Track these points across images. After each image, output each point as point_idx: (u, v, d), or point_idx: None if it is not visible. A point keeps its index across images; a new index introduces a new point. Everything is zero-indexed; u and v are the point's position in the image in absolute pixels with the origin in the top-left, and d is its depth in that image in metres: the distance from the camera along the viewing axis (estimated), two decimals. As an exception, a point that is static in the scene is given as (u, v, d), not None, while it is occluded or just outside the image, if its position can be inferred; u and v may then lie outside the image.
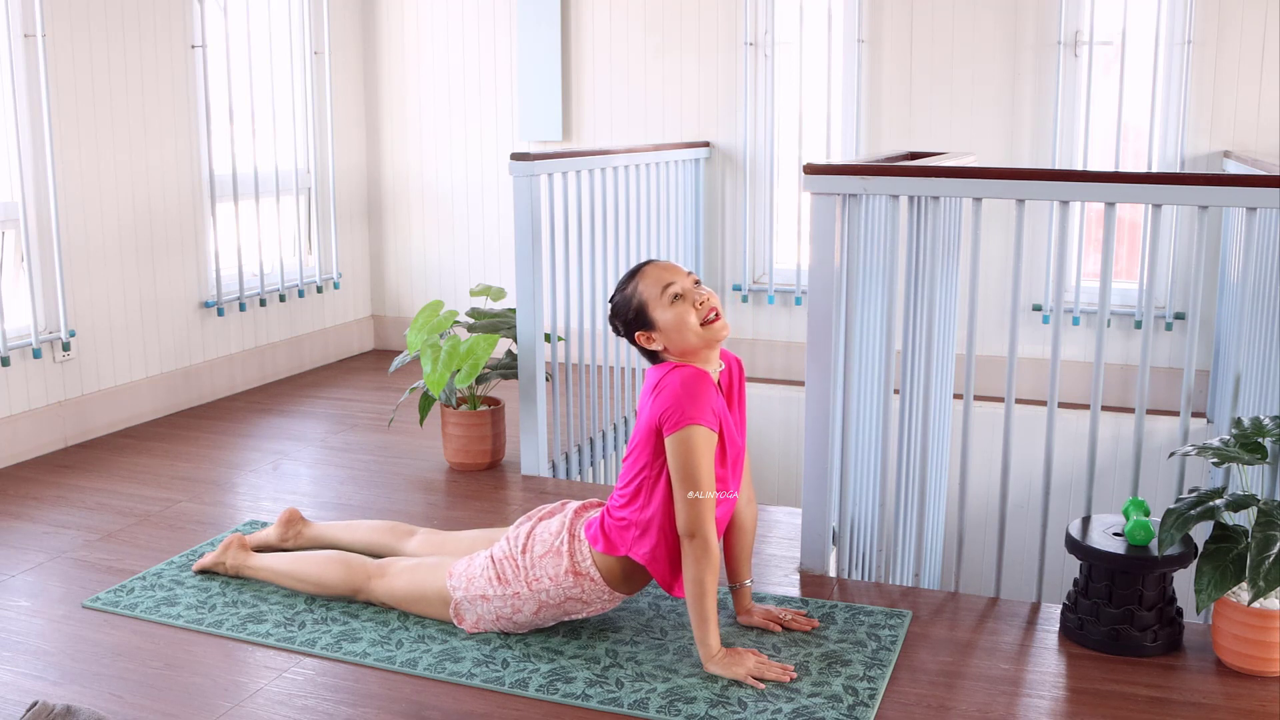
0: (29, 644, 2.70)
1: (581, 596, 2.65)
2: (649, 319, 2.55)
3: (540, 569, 2.65)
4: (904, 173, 2.99)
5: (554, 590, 2.64)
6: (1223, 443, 2.52)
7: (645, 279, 2.57)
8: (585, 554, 2.64)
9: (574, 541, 2.67)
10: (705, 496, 2.46)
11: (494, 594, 2.67)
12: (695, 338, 2.52)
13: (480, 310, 4.22)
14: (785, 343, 5.34)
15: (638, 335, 2.58)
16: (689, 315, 2.51)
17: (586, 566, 2.63)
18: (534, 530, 2.73)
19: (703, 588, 2.47)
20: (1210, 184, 2.69)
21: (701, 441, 2.46)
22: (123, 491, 3.80)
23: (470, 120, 5.73)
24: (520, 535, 2.74)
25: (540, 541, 2.69)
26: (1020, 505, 4.30)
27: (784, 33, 5.18)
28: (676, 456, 2.47)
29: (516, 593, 2.66)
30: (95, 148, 4.37)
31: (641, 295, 2.56)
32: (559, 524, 2.72)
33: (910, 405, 3.21)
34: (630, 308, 2.58)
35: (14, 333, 4.13)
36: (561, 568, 2.64)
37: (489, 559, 2.71)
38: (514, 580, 2.66)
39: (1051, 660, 2.60)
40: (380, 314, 6.10)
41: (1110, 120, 4.81)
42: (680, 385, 2.48)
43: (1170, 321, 4.79)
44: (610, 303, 2.66)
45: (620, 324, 2.62)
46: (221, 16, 4.98)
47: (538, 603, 2.65)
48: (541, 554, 2.66)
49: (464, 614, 2.72)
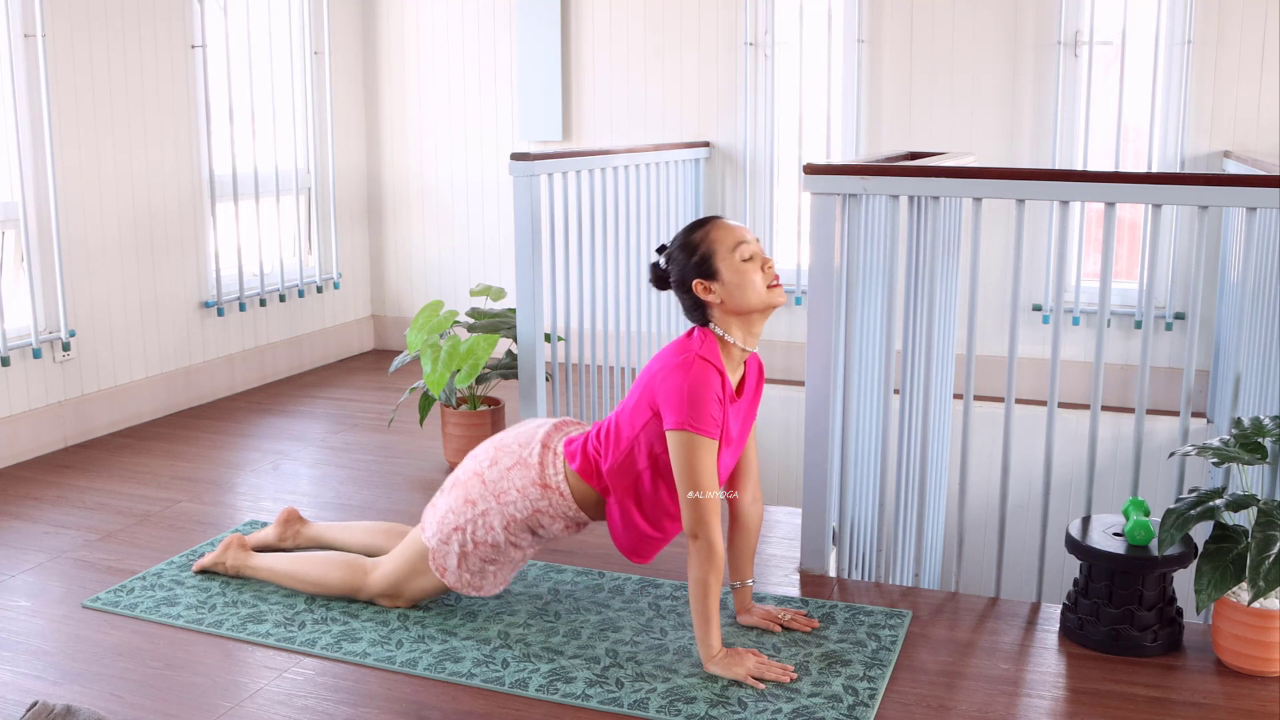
0: (29, 644, 2.70)
1: (548, 510, 2.65)
2: (714, 268, 2.47)
3: (507, 481, 2.65)
4: (904, 173, 2.99)
5: (521, 502, 2.64)
6: (1223, 443, 2.52)
7: (718, 229, 2.50)
8: (558, 468, 2.64)
9: (546, 453, 2.66)
10: (707, 497, 2.45)
11: (465, 520, 2.67)
12: (757, 298, 2.48)
13: (480, 310, 4.22)
14: (785, 343, 5.34)
15: (696, 283, 2.49)
16: (756, 275, 2.48)
17: (557, 481, 2.64)
18: (500, 443, 2.73)
19: (706, 588, 2.47)
20: (1210, 184, 2.69)
21: (701, 446, 2.45)
22: (123, 491, 3.80)
23: (470, 120, 5.73)
24: (484, 451, 2.73)
25: (508, 453, 2.69)
26: (1020, 505, 4.29)
27: (784, 33, 5.18)
28: (678, 458, 2.46)
29: (484, 510, 2.66)
30: (95, 148, 4.37)
31: (712, 244, 2.49)
32: (528, 435, 2.71)
33: (910, 405, 3.21)
34: (697, 253, 2.49)
35: (14, 333, 4.13)
36: (529, 479, 2.64)
37: (454, 487, 2.72)
38: (481, 498, 2.67)
39: (1051, 660, 2.60)
40: (380, 314, 6.10)
41: (1110, 120, 4.81)
42: (690, 386, 2.45)
43: (1170, 321, 4.79)
44: (662, 251, 2.57)
45: (676, 270, 2.52)
46: (221, 16, 4.98)
47: (505, 517, 2.65)
48: (509, 466, 2.66)
49: (444, 562, 2.72)
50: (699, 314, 2.55)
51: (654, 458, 2.55)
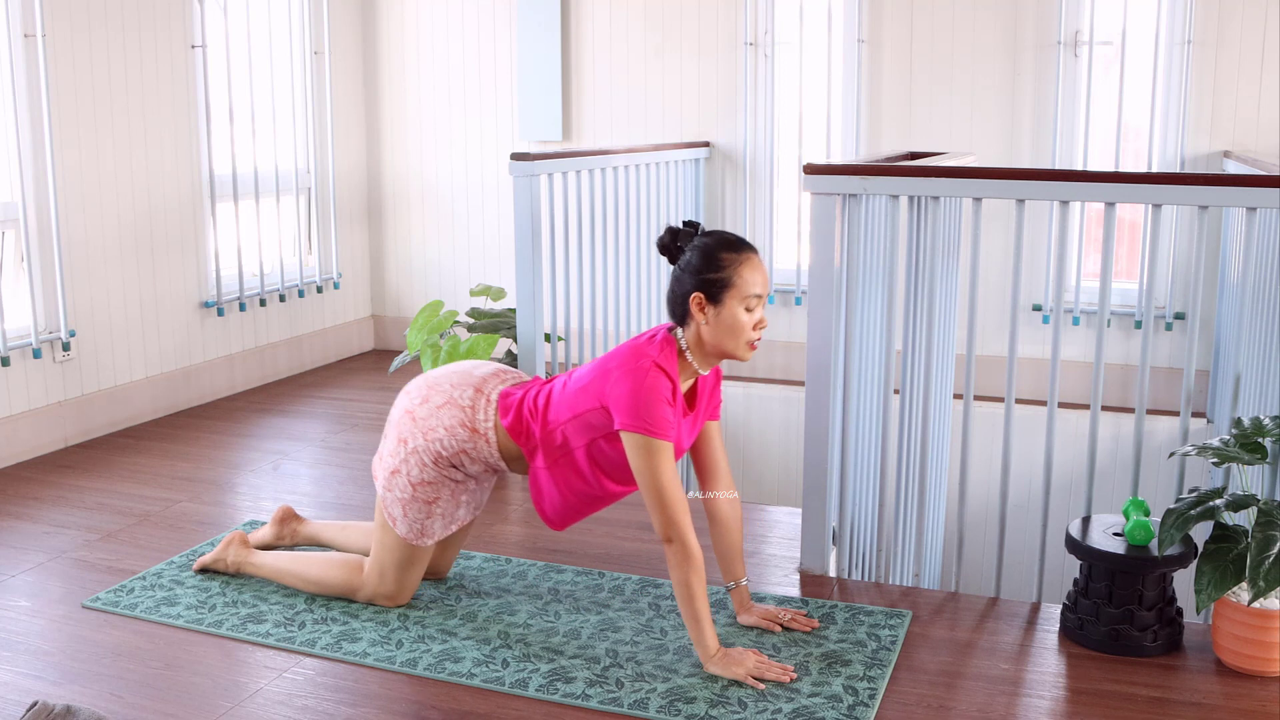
0: (29, 644, 2.70)
1: (472, 452, 2.67)
2: (721, 298, 2.47)
3: (436, 419, 2.67)
4: (904, 173, 2.99)
5: (448, 440, 2.66)
6: (1223, 443, 2.52)
7: (750, 268, 2.48)
8: (489, 415, 2.66)
9: (479, 397, 2.68)
10: (671, 498, 2.46)
11: (399, 461, 2.70)
12: (733, 349, 2.51)
13: (480, 310, 4.22)
14: (785, 343, 5.34)
15: (696, 297, 2.48)
16: (745, 329, 2.49)
17: (486, 428, 2.65)
18: (433, 381, 2.74)
19: (690, 590, 2.48)
20: (1210, 184, 2.69)
21: (660, 449, 2.46)
22: (123, 491, 3.80)
23: (470, 120, 5.73)
24: (417, 388, 2.75)
25: (439, 391, 2.70)
26: (1020, 505, 4.29)
27: (784, 33, 5.18)
28: (637, 462, 2.48)
29: (415, 447, 2.68)
30: (95, 148, 4.37)
31: (736, 276, 2.47)
32: (462, 376, 2.73)
33: (910, 405, 3.21)
34: (717, 273, 2.46)
35: (14, 333, 4.13)
36: (458, 419, 2.65)
37: (390, 429, 2.75)
38: (411, 436, 2.69)
39: (1051, 660, 2.60)
40: (380, 314, 6.10)
41: (1110, 120, 4.81)
42: (642, 391, 2.45)
43: (1170, 321, 4.79)
44: (694, 227, 2.53)
45: (689, 268, 2.50)
46: (221, 16, 4.98)
47: (433, 453, 2.66)
48: (440, 404, 2.68)
49: (392, 510, 2.74)
50: (678, 313, 2.55)
51: (591, 441, 2.57)
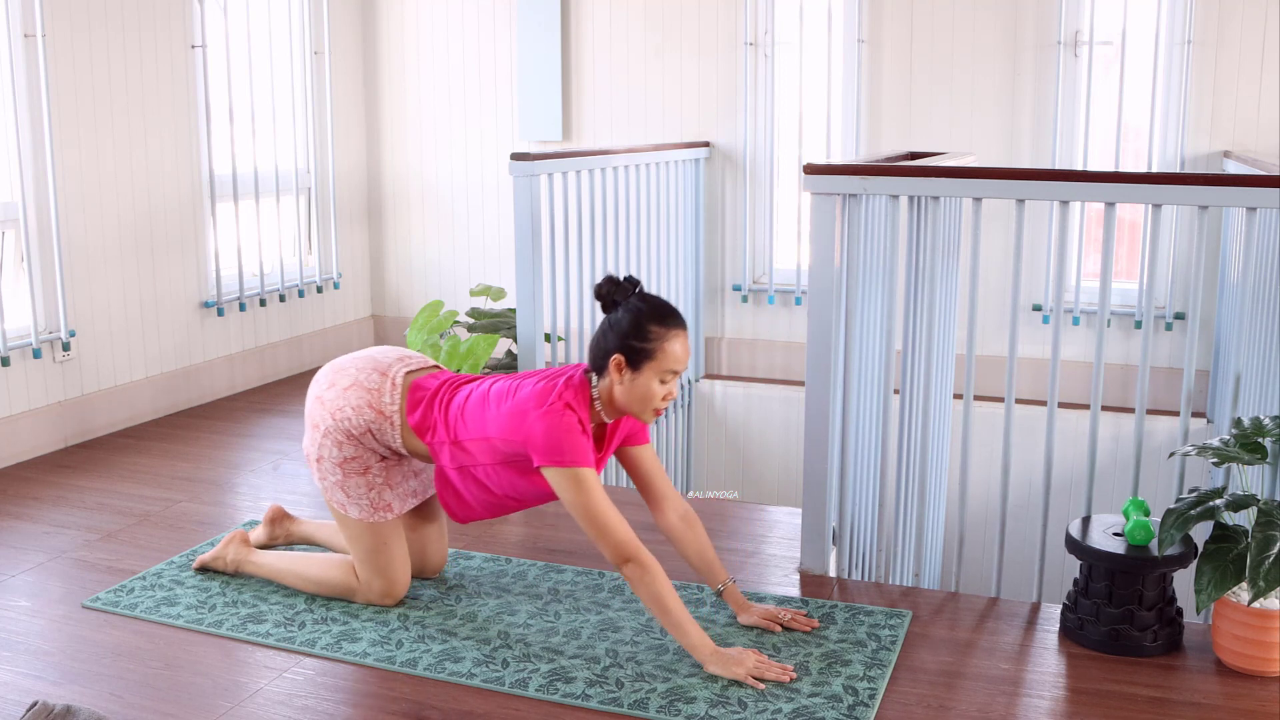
0: (29, 644, 2.70)
1: (378, 433, 2.71)
2: (640, 366, 2.52)
3: (343, 399, 2.71)
4: (904, 173, 2.99)
5: (355, 419, 2.70)
6: (1223, 443, 2.52)
7: (675, 344, 2.53)
8: (395, 399, 2.71)
9: (384, 380, 2.72)
10: (611, 523, 2.48)
11: (317, 446, 2.74)
12: (637, 411, 2.58)
13: (480, 310, 4.23)
14: (785, 343, 5.34)
15: (617, 358, 2.53)
16: (655, 399, 2.56)
17: (391, 411, 2.70)
18: (338, 366, 2.79)
19: (662, 601, 2.49)
20: (1210, 184, 2.69)
21: (586, 479, 2.50)
22: (123, 491, 3.80)
23: (470, 120, 5.73)
24: (323, 375, 2.80)
25: (345, 375, 2.75)
26: (1020, 505, 4.29)
27: (784, 33, 5.18)
28: (566, 497, 2.51)
29: (327, 429, 2.72)
30: (95, 148, 4.37)
31: (659, 351, 2.51)
32: (366, 360, 2.77)
33: (910, 405, 3.21)
34: (641, 342, 2.51)
35: (14, 333, 4.13)
36: (364, 400, 2.70)
37: (306, 420, 2.80)
38: (321, 420, 2.73)
39: (1051, 660, 2.60)
40: (380, 314, 6.10)
41: (1110, 120, 4.81)
42: (559, 430, 2.49)
43: (1170, 321, 4.79)
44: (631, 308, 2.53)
45: (615, 328, 2.54)
46: (221, 16, 4.98)
47: (344, 431, 2.70)
48: (345, 387, 2.72)
49: (336, 498, 2.78)
50: (596, 365, 2.59)
51: (500, 464, 2.62)
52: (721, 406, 5.38)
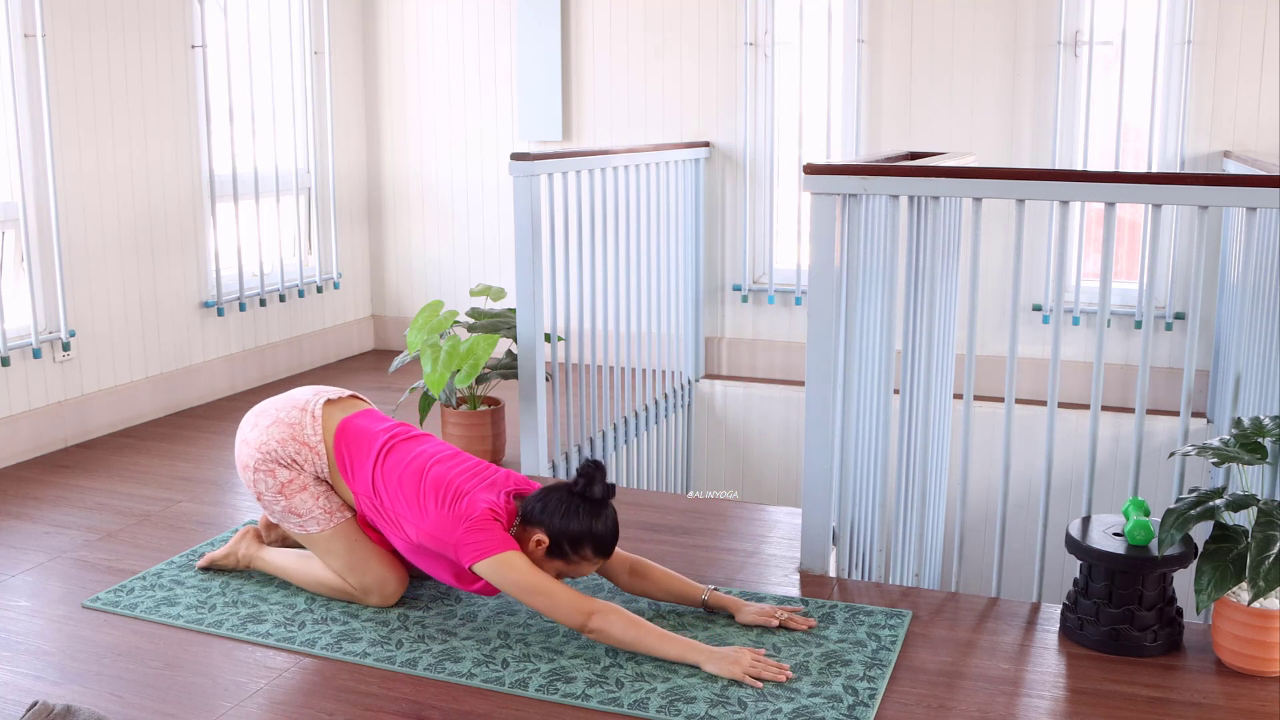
0: (29, 644, 2.70)
1: (303, 463, 2.79)
2: (554, 556, 2.60)
3: (267, 434, 2.82)
4: (904, 173, 2.99)
5: (280, 450, 2.79)
6: (1223, 443, 2.52)
7: (590, 565, 2.64)
8: (317, 430, 2.81)
9: (303, 414, 2.83)
10: (557, 594, 2.54)
11: (254, 484, 2.84)
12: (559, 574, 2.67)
13: (480, 310, 4.22)
14: (785, 343, 5.34)
15: (540, 538, 2.59)
16: (564, 574, 2.66)
17: (315, 441, 2.80)
18: (259, 410, 2.91)
19: (638, 637, 2.54)
20: (1210, 184, 2.69)
21: (513, 561, 2.55)
22: (123, 491, 3.80)
23: (470, 120, 5.73)
24: (247, 420, 2.92)
25: (265, 415, 2.87)
26: (1020, 505, 4.29)
27: (784, 33, 5.18)
28: (505, 580, 2.56)
29: (256, 463, 2.82)
30: (95, 148, 4.37)
31: (578, 562, 2.62)
32: (284, 400, 2.90)
33: (910, 405, 3.21)
34: (570, 548, 2.59)
35: (14, 333, 4.13)
36: (286, 434, 2.81)
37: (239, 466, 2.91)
38: (250, 458, 2.83)
39: (1051, 660, 2.60)
40: (380, 314, 6.10)
41: (1110, 120, 4.81)
42: (477, 527, 2.57)
43: (1170, 321, 4.79)
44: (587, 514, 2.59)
45: (559, 519, 2.58)
46: (221, 16, 4.98)
47: (273, 461, 2.80)
48: (267, 424, 2.84)
49: (291, 523, 2.85)
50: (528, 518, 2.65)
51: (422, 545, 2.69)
52: (721, 406, 5.38)
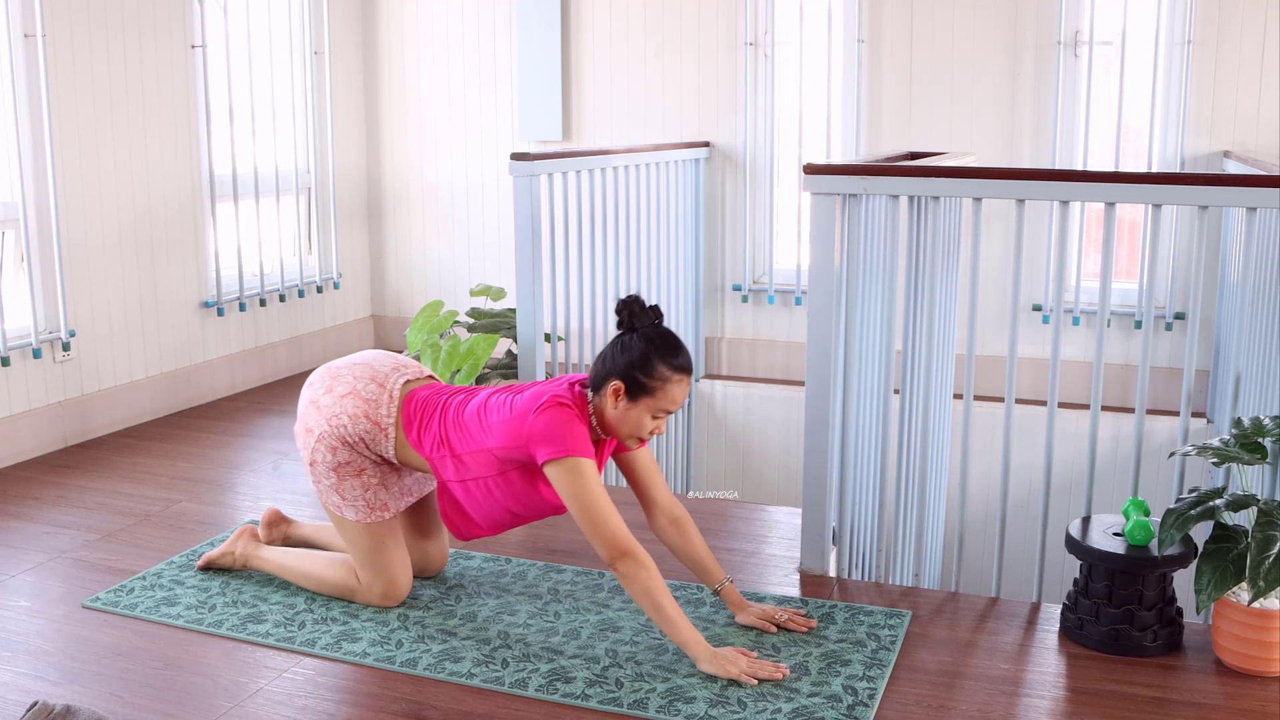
0: (29, 644, 2.70)
1: (369, 442, 2.71)
2: (636, 399, 2.54)
3: (340, 407, 2.71)
4: (904, 173, 2.99)
5: (351, 427, 2.69)
6: (1223, 443, 2.52)
7: (676, 389, 2.54)
8: (391, 412, 2.71)
9: (382, 392, 2.72)
10: (606, 517, 2.48)
11: (311, 452, 2.74)
12: (622, 438, 2.61)
13: (480, 310, 4.23)
14: (785, 343, 5.33)
15: (616, 385, 2.53)
16: (643, 430, 2.58)
17: (388, 423, 2.70)
18: (336, 371, 2.78)
19: (653, 597, 2.48)
20: (1210, 184, 2.69)
21: (585, 469, 2.50)
22: (123, 491, 3.80)
23: (470, 120, 5.73)
24: (320, 379, 2.79)
25: (342, 381, 2.74)
26: (1020, 505, 4.29)
27: (784, 33, 5.18)
28: (566, 489, 2.50)
29: (321, 434, 2.71)
30: (95, 148, 4.37)
31: (659, 389, 2.53)
32: (365, 368, 2.76)
33: (910, 405, 3.21)
34: (644, 376, 2.52)
35: (14, 333, 4.13)
36: (360, 410, 2.70)
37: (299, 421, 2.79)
38: (316, 424, 2.72)
39: (1051, 660, 2.60)
40: (380, 314, 6.10)
41: (1110, 120, 4.81)
42: (560, 420, 2.51)
43: (1170, 321, 4.79)
44: (645, 337, 2.55)
45: (622, 356, 2.54)
46: (221, 16, 4.98)
47: (338, 437, 2.69)
48: (343, 394, 2.72)
49: (331, 500, 2.78)
50: (596, 382, 2.60)
51: (502, 472, 2.62)
52: (721, 406, 5.38)
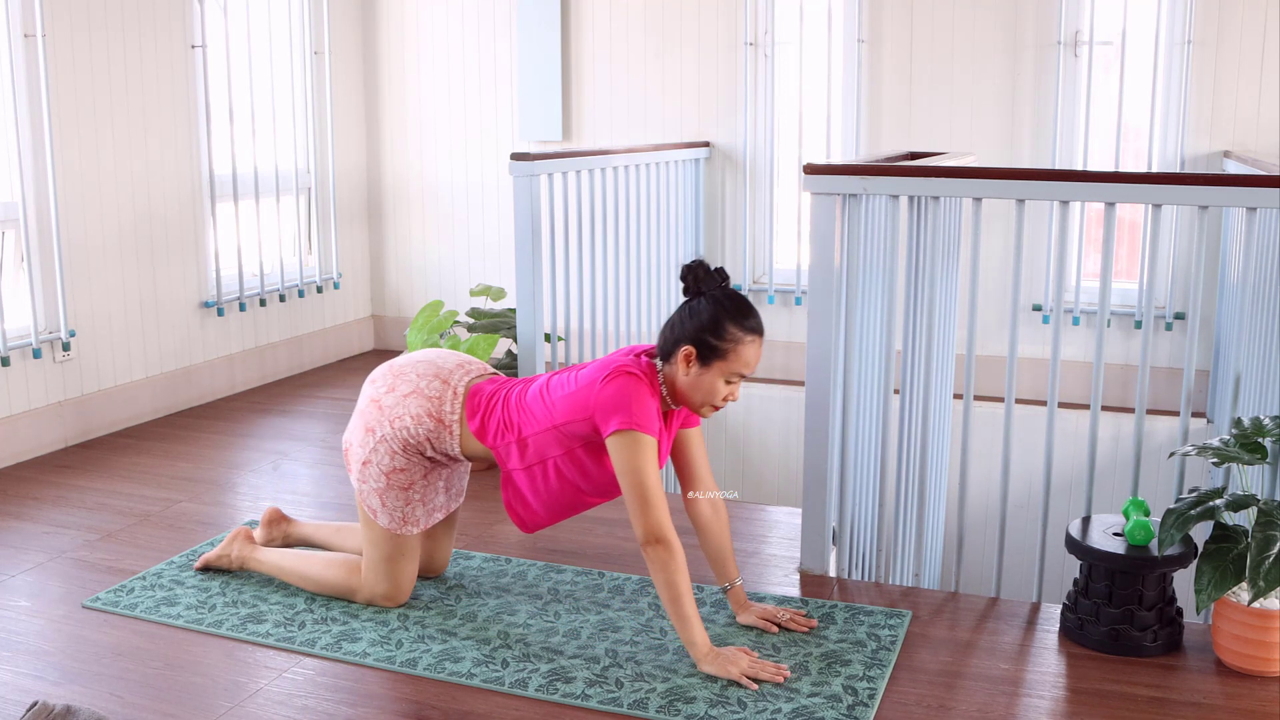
0: (29, 644, 2.70)
1: (434, 443, 2.67)
2: (709, 362, 2.49)
3: (403, 407, 2.67)
4: (904, 173, 2.99)
5: (414, 428, 2.66)
6: (1223, 443, 2.52)
7: (749, 349, 2.50)
8: (455, 408, 2.67)
9: (445, 389, 2.69)
10: (653, 498, 2.46)
11: (368, 451, 2.70)
12: (695, 407, 2.56)
13: (480, 310, 4.23)
14: (785, 343, 5.33)
15: (687, 350, 2.49)
16: (716, 396, 2.53)
17: (451, 420, 2.67)
18: (399, 370, 2.75)
19: (675, 590, 2.47)
20: (1210, 184, 2.69)
21: (645, 445, 2.47)
22: (123, 491, 3.80)
23: (470, 120, 5.73)
24: (382, 377, 2.76)
25: (405, 380, 2.71)
26: (1020, 505, 4.29)
27: (784, 33, 5.18)
28: (622, 461, 2.47)
29: (383, 436, 2.68)
30: (95, 148, 4.37)
31: (732, 351, 2.49)
32: (428, 366, 2.73)
33: (910, 405, 3.21)
34: (716, 339, 2.48)
35: (14, 333, 4.13)
36: (424, 409, 2.66)
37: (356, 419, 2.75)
38: (378, 424, 2.69)
39: (1051, 660, 2.60)
40: (380, 314, 6.10)
41: (1110, 120, 4.81)
42: (629, 390, 2.48)
43: (1170, 321, 4.79)
44: (714, 299, 2.50)
45: (692, 319, 2.50)
46: (221, 16, 4.98)
47: (401, 441, 2.67)
48: (406, 393, 2.69)
49: (370, 502, 2.74)
50: (665, 350, 2.56)
51: (568, 451, 2.58)
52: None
